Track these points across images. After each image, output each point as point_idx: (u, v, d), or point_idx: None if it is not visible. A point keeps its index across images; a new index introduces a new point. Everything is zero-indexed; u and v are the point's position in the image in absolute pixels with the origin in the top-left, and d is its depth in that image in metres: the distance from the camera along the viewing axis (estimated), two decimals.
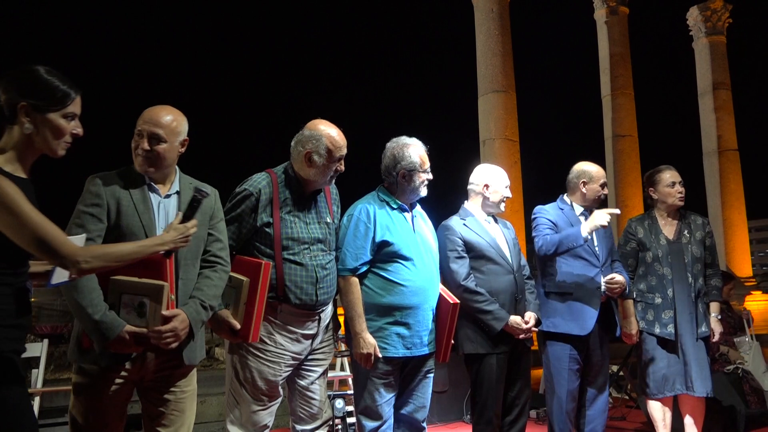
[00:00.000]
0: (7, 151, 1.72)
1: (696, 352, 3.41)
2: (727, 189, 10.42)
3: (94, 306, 1.99)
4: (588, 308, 3.30)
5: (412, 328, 2.76)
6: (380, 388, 2.75)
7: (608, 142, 9.78)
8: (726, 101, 10.72)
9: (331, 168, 2.60)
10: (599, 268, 3.37)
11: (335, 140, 2.60)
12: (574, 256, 3.36)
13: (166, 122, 2.18)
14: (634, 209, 8.97)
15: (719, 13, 10.80)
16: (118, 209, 2.12)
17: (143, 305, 2.04)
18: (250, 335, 2.37)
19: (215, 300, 2.23)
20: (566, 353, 3.32)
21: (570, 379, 3.31)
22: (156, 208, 2.19)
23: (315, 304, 2.56)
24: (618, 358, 5.60)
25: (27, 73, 1.72)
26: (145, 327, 2.02)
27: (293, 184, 2.62)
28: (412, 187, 2.87)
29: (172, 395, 2.20)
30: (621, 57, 9.79)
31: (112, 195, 2.13)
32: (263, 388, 2.51)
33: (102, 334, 1.98)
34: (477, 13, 8.68)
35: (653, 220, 3.63)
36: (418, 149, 2.89)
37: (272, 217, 2.53)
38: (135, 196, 2.15)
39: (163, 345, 2.05)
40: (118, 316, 2.02)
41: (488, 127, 8.33)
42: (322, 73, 23.00)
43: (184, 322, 2.09)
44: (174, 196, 2.25)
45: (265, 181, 2.59)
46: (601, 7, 9.98)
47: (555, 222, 3.42)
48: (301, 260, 2.54)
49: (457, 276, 3.05)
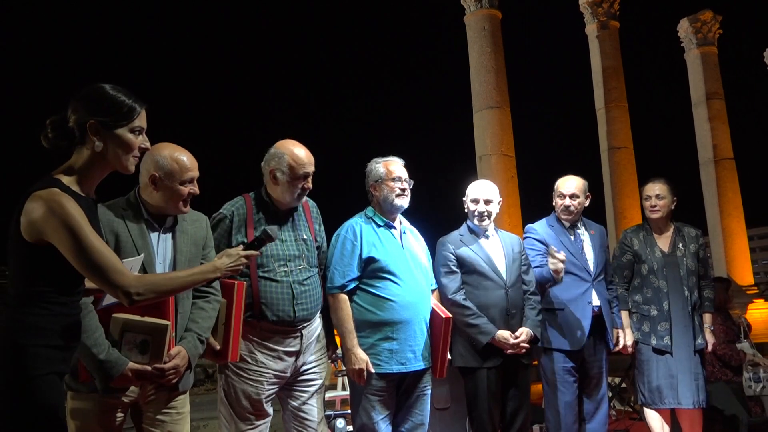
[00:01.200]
0: (76, 171, 1.72)
1: (690, 365, 3.41)
2: (725, 198, 10.44)
3: (98, 346, 2.00)
4: (579, 322, 3.35)
5: (404, 343, 2.78)
6: (375, 405, 2.76)
7: (604, 154, 9.82)
8: (720, 111, 10.78)
9: (296, 185, 2.62)
10: (590, 282, 3.41)
11: (297, 157, 2.63)
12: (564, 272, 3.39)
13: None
14: (632, 221, 8.98)
15: (709, 24, 10.91)
16: (117, 243, 2.14)
17: (146, 343, 2.06)
18: (229, 355, 2.40)
19: (209, 332, 2.30)
20: (561, 366, 3.35)
21: (566, 391, 3.34)
22: (155, 244, 2.23)
23: (293, 320, 2.57)
24: (620, 370, 5.57)
25: (93, 91, 1.73)
26: (147, 364, 2.06)
27: (266, 205, 2.67)
28: (383, 198, 2.91)
29: (168, 416, 2.23)
30: (614, 70, 9.88)
31: (110, 230, 2.16)
32: (248, 407, 2.54)
33: (106, 372, 2.00)
34: (469, 32, 8.78)
35: (647, 232, 3.65)
36: (385, 161, 2.97)
37: (246, 237, 2.57)
38: (133, 232, 2.18)
39: (165, 382, 2.11)
40: (120, 353, 2.03)
41: (484, 143, 8.38)
42: (316, 92, 23.03)
43: (185, 358, 2.16)
44: (170, 233, 2.29)
45: (238, 203, 2.66)
46: (592, 21, 10.09)
47: (544, 241, 3.47)
48: (275, 277, 2.57)
49: (446, 290, 3.09)
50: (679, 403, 3.37)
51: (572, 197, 3.51)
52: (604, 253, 3.58)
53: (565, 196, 3.52)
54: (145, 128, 1.79)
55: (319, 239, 2.83)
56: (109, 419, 2.14)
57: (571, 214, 3.53)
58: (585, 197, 3.56)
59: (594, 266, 3.46)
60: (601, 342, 3.46)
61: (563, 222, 3.55)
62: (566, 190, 3.53)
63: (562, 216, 3.54)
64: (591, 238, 3.55)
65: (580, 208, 3.55)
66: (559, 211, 3.55)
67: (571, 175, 3.61)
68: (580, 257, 3.45)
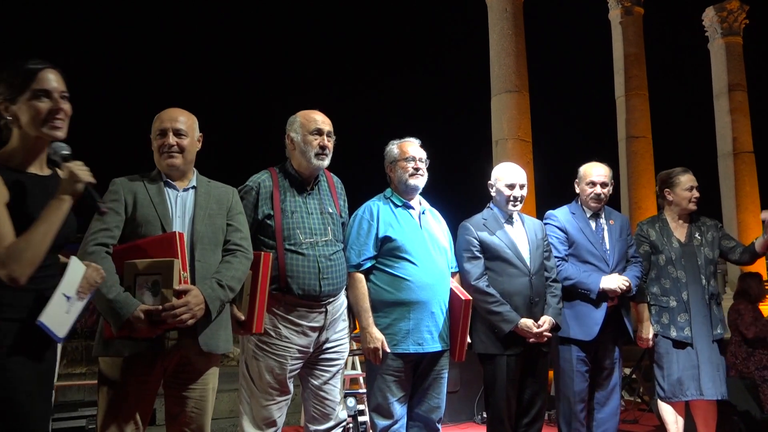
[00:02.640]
0: (9, 149, 1.74)
1: (710, 355, 3.37)
2: (742, 192, 10.31)
3: (108, 287, 2.03)
4: (594, 313, 3.30)
5: (421, 324, 2.77)
6: (391, 385, 2.76)
7: (622, 143, 9.70)
8: (742, 103, 10.60)
9: (310, 143, 2.65)
10: (608, 272, 3.35)
11: (307, 115, 2.70)
12: (581, 261, 3.37)
13: (185, 118, 2.34)
14: (647, 211, 8.89)
15: (735, 13, 10.68)
16: (134, 202, 2.21)
17: (156, 284, 2.07)
18: (254, 326, 2.40)
19: (235, 282, 2.26)
20: (574, 355, 3.32)
21: (578, 380, 3.32)
22: (173, 201, 2.29)
23: (319, 294, 2.58)
24: (631, 361, 5.56)
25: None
26: (159, 305, 2.05)
27: (292, 177, 2.71)
28: (398, 178, 2.93)
29: (194, 392, 2.23)
30: (635, 58, 9.71)
31: (129, 191, 2.24)
32: (271, 382, 2.54)
33: (117, 313, 2.01)
34: (491, 13, 8.64)
35: (664, 222, 3.59)
36: (401, 142, 2.98)
37: (273, 209, 2.60)
38: (151, 191, 2.26)
39: (178, 323, 2.06)
40: (134, 298, 2.05)
41: (501, 127, 8.29)
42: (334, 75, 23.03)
43: (198, 297, 2.11)
44: (191, 191, 2.35)
45: (264, 176, 2.70)
46: (616, 7, 9.90)
47: (564, 229, 3.42)
48: (303, 251, 2.58)
49: (469, 276, 3.06)
50: (702, 395, 3.33)
51: (603, 185, 3.45)
52: (625, 242, 3.52)
53: (596, 184, 3.45)
54: (54, 89, 1.73)
55: (344, 215, 2.85)
56: (139, 388, 2.14)
57: (600, 202, 3.48)
58: (611, 185, 3.52)
59: (612, 257, 3.41)
60: (617, 333, 3.42)
61: (586, 210, 3.50)
62: (597, 177, 3.46)
63: (591, 204, 3.48)
64: (610, 228, 3.49)
65: (608, 197, 3.51)
66: (588, 198, 3.47)
67: (597, 162, 3.54)
68: (600, 247, 3.40)
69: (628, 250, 3.51)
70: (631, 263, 3.49)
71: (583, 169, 3.54)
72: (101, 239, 2.13)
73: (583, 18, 10.94)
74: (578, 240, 3.41)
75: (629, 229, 3.60)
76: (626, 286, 3.27)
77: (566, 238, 3.41)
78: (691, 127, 12.90)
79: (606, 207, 3.56)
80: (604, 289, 3.26)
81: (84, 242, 2.14)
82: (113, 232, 2.16)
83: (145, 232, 2.19)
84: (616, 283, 3.25)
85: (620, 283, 3.26)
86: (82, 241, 2.16)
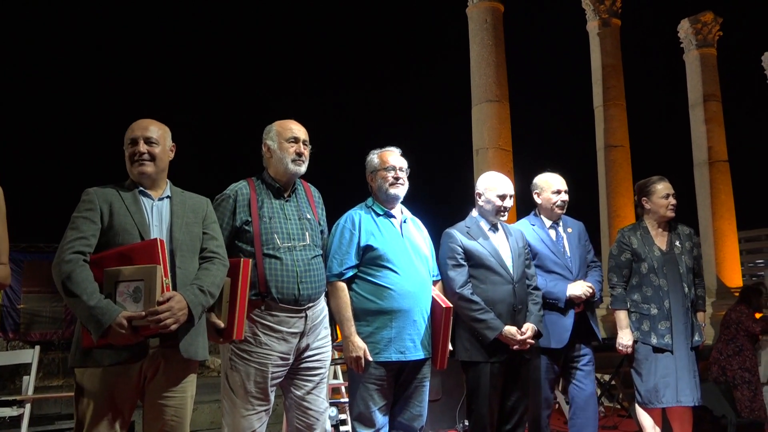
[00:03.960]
0: None
1: (688, 362, 3.43)
2: (718, 200, 10.49)
3: (88, 294, 2.01)
4: (563, 320, 3.40)
5: (403, 332, 2.78)
6: (374, 394, 2.76)
7: (600, 152, 9.84)
8: (716, 113, 10.81)
9: (286, 150, 2.69)
10: (572, 279, 3.45)
11: (283, 124, 2.75)
12: (546, 271, 3.47)
13: (156, 128, 2.37)
14: (626, 219, 9.01)
15: (710, 26, 10.92)
16: (110, 211, 2.21)
17: (138, 290, 2.06)
18: (234, 332, 2.39)
19: (214, 288, 2.28)
20: (544, 363, 3.41)
21: (546, 387, 3.42)
22: (150, 210, 2.29)
23: (298, 298, 2.58)
24: (610, 367, 5.62)
25: None
26: (141, 311, 2.03)
27: (269, 185, 2.74)
28: (378, 187, 2.95)
29: (173, 401, 2.21)
30: (613, 68, 9.87)
31: (104, 200, 2.24)
32: (252, 391, 2.53)
33: (98, 321, 1.99)
34: (471, 24, 8.74)
35: (645, 230, 3.65)
36: (381, 151, 3.00)
37: (251, 215, 2.62)
38: (126, 200, 2.27)
39: (162, 328, 2.05)
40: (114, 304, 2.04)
41: (482, 137, 8.36)
42: (315, 84, 22.73)
43: (181, 302, 2.11)
44: (166, 200, 2.36)
45: (242, 184, 2.73)
46: (594, 18, 10.07)
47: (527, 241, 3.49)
48: (281, 255, 2.59)
49: (453, 284, 3.07)
50: (679, 401, 3.38)
51: (566, 192, 3.59)
52: (584, 248, 3.63)
53: (560, 192, 3.58)
54: None
55: (323, 223, 2.87)
56: (118, 397, 2.12)
57: (563, 210, 3.60)
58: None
59: (575, 265, 3.51)
60: (586, 338, 3.51)
61: (545, 220, 3.60)
62: (561, 185, 3.59)
63: (556, 211, 3.59)
64: (569, 236, 3.60)
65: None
66: (554, 206, 3.58)
67: (550, 172, 3.68)
68: (562, 257, 3.51)
69: (587, 255, 3.64)
70: (591, 268, 3.62)
71: (542, 180, 3.64)
72: (78, 247, 2.12)
73: (561, 29, 11.13)
74: (541, 251, 3.51)
75: (586, 235, 3.73)
76: (590, 293, 3.44)
77: (529, 251, 3.49)
78: (668, 136, 13.19)
79: (562, 215, 3.66)
80: (570, 296, 3.39)
81: (60, 250, 2.12)
82: (90, 241, 2.15)
83: (123, 240, 2.18)
84: (581, 290, 3.41)
85: (585, 289, 3.42)
86: (58, 250, 2.13)
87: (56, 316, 11.76)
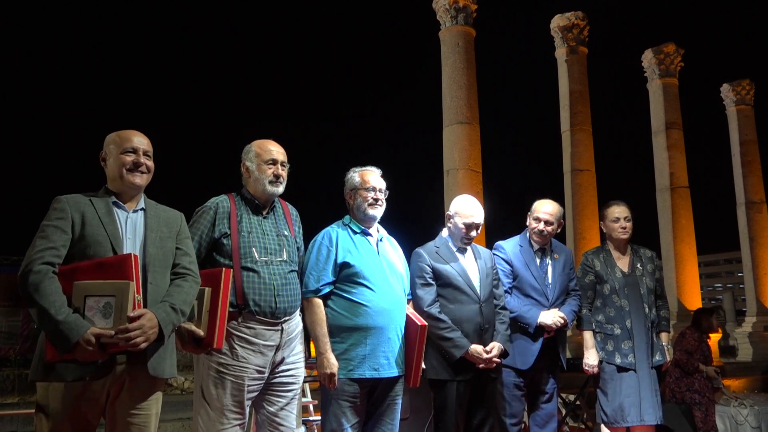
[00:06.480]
0: None
1: (650, 381, 3.52)
2: (679, 224, 10.79)
3: (56, 307, 1.96)
4: (531, 345, 3.47)
5: (377, 349, 2.79)
6: (346, 411, 2.76)
7: (567, 175, 10.05)
8: (678, 140, 11.17)
9: (265, 171, 2.72)
10: (547, 306, 3.49)
11: (262, 144, 2.79)
12: (523, 295, 3.52)
13: (148, 141, 2.37)
14: (591, 242, 9.20)
15: (672, 56, 11.33)
16: (82, 221, 2.15)
17: (108, 306, 2.00)
18: (215, 341, 2.38)
19: (185, 305, 2.24)
20: (511, 381, 3.47)
21: (513, 404, 3.47)
22: (123, 222, 2.24)
23: (275, 311, 2.59)
24: (575, 387, 5.68)
25: None
26: (110, 328, 1.98)
27: (248, 201, 2.76)
28: (357, 206, 2.97)
29: (138, 418, 2.16)
30: (580, 94, 10.14)
31: (76, 209, 2.17)
32: (229, 404, 2.51)
33: (65, 336, 1.93)
34: (443, 47, 8.90)
35: (608, 253, 3.75)
36: (362, 171, 3.03)
37: (230, 228, 2.64)
38: (100, 210, 2.20)
39: (131, 346, 2.01)
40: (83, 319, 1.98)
41: (452, 158, 8.47)
42: (289, 106, 22.59)
43: (152, 320, 2.07)
44: (141, 212, 2.32)
45: (222, 197, 2.76)
46: (562, 46, 10.36)
47: (510, 262, 3.54)
48: (258, 269, 2.61)
49: (421, 302, 3.11)
50: (642, 420, 3.46)
51: (547, 223, 3.57)
52: (567, 276, 3.65)
53: (540, 221, 3.58)
54: None
55: (299, 240, 2.89)
56: (81, 415, 2.06)
57: (543, 239, 3.61)
58: (558, 225, 3.63)
59: (553, 292, 3.54)
60: (552, 362, 3.57)
61: (533, 243, 3.61)
62: (543, 215, 3.58)
63: (534, 238, 3.61)
64: (554, 263, 3.62)
65: (552, 235, 3.63)
66: (532, 232, 3.61)
67: (549, 200, 3.68)
68: (542, 282, 3.55)
69: (569, 283, 3.66)
70: (570, 296, 3.64)
71: (535, 203, 3.67)
72: (48, 258, 2.05)
73: (531, 55, 11.43)
74: (522, 274, 3.54)
75: (572, 263, 3.75)
76: (561, 323, 3.47)
77: (511, 271, 3.53)
78: (632, 161, 13.53)
79: (553, 240, 3.70)
80: (541, 323, 3.42)
81: (28, 260, 2.04)
82: (60, 251, 2.08)
83: (94, 252, 2.12)
84: (552, 319, 3.45)
85: (556, 319, 3.46)
86: (26, 258, 2.06)
87: (12, 330, 11.37)
